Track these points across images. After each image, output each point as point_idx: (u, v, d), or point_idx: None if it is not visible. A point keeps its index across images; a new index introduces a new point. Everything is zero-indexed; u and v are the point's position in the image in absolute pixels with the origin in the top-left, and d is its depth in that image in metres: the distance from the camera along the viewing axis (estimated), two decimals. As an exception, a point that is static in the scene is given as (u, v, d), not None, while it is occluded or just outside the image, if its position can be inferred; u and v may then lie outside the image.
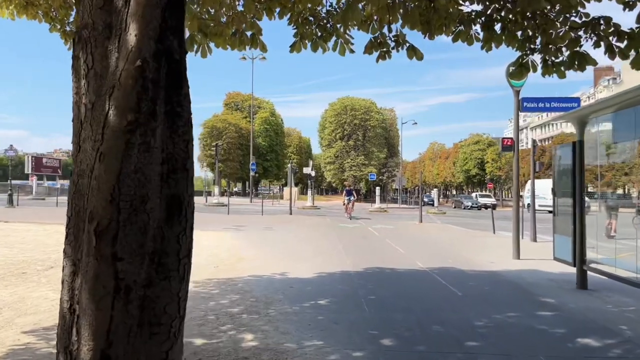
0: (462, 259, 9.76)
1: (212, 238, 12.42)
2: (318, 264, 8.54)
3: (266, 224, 17.27)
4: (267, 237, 13.02)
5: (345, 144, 65.60)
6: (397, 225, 19.02)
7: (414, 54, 4.82)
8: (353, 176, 64.95)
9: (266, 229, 15.50)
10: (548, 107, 9.98)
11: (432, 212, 31.58)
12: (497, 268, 8.64)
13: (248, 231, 14.53)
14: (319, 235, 13.98)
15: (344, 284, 6.87)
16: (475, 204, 45.44)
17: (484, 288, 6.94)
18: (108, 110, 1.96)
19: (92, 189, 1.96)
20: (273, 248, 10.81)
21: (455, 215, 32.47)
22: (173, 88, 2.18)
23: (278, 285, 6.65)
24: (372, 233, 15.17)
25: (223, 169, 64.85)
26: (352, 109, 65.61)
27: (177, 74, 2.21)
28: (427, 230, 16.82)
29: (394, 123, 76.56)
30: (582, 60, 4.54)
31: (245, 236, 13.15)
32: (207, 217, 20.94)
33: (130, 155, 1.95)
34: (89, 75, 2.07)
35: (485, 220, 24.78)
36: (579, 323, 5.12)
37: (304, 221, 19.60)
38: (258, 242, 11.76)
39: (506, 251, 10.67)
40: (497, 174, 57.98)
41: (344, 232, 15.38)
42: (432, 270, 8.17)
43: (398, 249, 11.14)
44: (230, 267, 8.10)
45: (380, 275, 7.82)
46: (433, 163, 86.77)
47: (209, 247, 10.68)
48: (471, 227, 19.60)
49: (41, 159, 48.24)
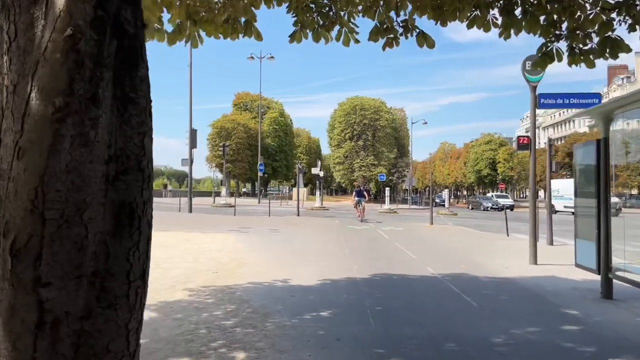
0: (476, 264, 9.25)
1: (214, 241, 12.03)
2: (322, 270, 8.10)
3: (272, 226, 16.86)
4: (272, 240, 12.59)
5: (354, 144, 65.09)
6: (407, 227, 18.51)
7: (424, 41, 4.34)
8: (362, 176, 64.43)
9: (272, 231, 15.09)
10: (567, 103, 9.42)
11: (443, 213, 30.96)
12: (513, 274, 8.12)
13: (252, 233, 14.12)
14: (325, 237, 13.53)
15: (349, 293, 6.42)
16: (496, 204, 43.03)
17: (500, 298, 6.43)
18: (30, 93, 1.53)
19: (8, 194, 1.53)
20: (277, 252, 10.38)
21: (467, 216, 31.82)
22: (125, 68, 1.73)
23: (278, 294, 6.21)
24: (381, 235, 14.69)
25: (232, 169, 64.73)
26: (361, 109, 65.10)
27: (132, 52, 1.76)
28: (438, 233, 16.29)
29: (403, 123, 75.91)
30: (614, 46, 4.04)
31: (249, 239, 12.75)
32: (213, 218, 20.63)
33: (60, 151, 1.51)
34: (11, 49, 1.63)
35: (498, 222, 24.14)
36: (609, 340, 4.61)
37: (311, 223, 19.17)
38: (262, 245, 11.34)
39: (522, 255, 10.14)
40: (509, 175, 57.07)
41: (351, 234, 14.92)
42: (444, 277, 7.68)
43: (408, 252, 10.65)
44: (230, 273, 7.68)
45: (389, 282, 7.35)
46: (443, 163, 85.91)
47: (210, 250, 10.28)
48: (483, 229, 19.02)
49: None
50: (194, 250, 10.21)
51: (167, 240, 11.77)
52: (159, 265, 8.26)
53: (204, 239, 12.48)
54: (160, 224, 16.77)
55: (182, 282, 6.92)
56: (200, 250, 10.20)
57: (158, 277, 7.16)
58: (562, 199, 34.52)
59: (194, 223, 17.28)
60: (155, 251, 10.48)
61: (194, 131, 22.26)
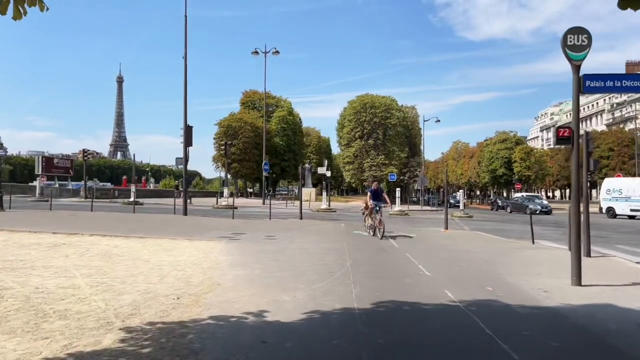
0: (505, 284, 7.50)
1: (197, 251, 10.43)
2: (314, 295, 6.43)
3: (269, 231, 15.23)
4: (263, 250, 10.95)
5: (364, 143, 63.30)
6: (419, 233, 16.75)
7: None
8: (373, 176, 62.57)
9: (267, 238, 13.44)
10: (619, 86, 7.64)
11: (458, 215, 29.11)
12: (556, 302, 6.37)
13: (244, 241, 12.49)
14: (326, 247, 11.85)
15: (342, 335, 4.73)
16: (545, 207, 37.00)
17: (549, 344, 4.69)
18: None
19: None
20: (264, 266, 8.73)
21: (483, 219, 29.90)
22: None
23: (245, 339, 4.55)
24: (390, 244, 12.98)
25: (239, 169, 63.33)
26: (371, 107, 63.28)
27: None
28: (455, 240, 14.51)
29: (415, 121, 73.92)
30: None
31: (238, 248, 11.12)
32: (208, 222, 19.05)
33: None
34: None
35: (518, 226, 22.22)
36: None
37: (313, 227, 17.48)
38: (249, 258, 9.70)
39: (558, 271, 8.39)
40: (525, 174, 54.76)
41: (357, 242, 13.22)
42: (467, 306, 5.96)
43: (421, 267, 8.94)
44: (194, 300, 6.05)
45: (396, 316, 5.64)
46: (457, 163, 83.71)
47: (185, 265, 8.67)
48: (503, 234, 17.19)
49: (52, 159, 47.20)
50: (167, 265, 8.61)
51: (141, 251, 10.20)
52: (112, 287, 6.67)
53: (185, 249, 10.89)
54: (146, 229, 15.10)
55: (126, 314, 5.30)
56: (174, 265, 8.60)
57: (100, 307, 5.57)
58: (627, 201, 30.24)
59: (184, 228, 15.72)
60: (121, 265, 8.92)
61: (189, 128, 20.64)
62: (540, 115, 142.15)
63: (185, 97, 20.65)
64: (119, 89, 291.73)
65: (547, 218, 31.68)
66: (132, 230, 14.25)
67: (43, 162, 43.44)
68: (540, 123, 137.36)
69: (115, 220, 17.93)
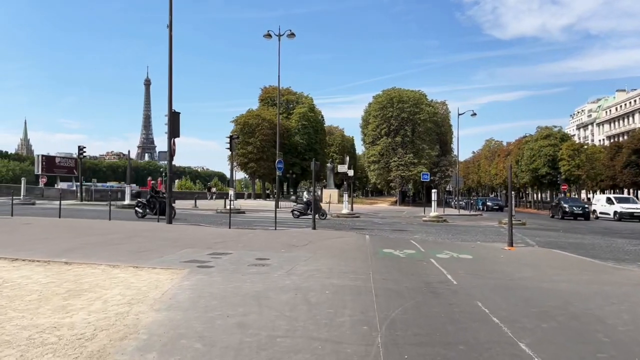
0: None
1: (122, 296, 6.16)
2: None
3: (265, 249, 10.91)
4: (233, 295, 6.62)
5: (391, 140, 58.51)
6: (475, 251, 12.18)
7: None
8: (400, 176, 57.75)
9: (255, 263, 9.06)
10: None
11: (505, 222, 24.25)
12: None
13: (215, 273, 8.07)
14: (340, 283, 7.43)
15: None
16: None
17: None
18: None
19: None
20: (206, 350, 4.38)
21: (542, 227, 24.91)
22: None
23: None
24: (439, 272, 8.53)
25: (256, 168, 59.48)
26: (399, 101, 58.43)
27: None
28: (538, 269, 9.91)
29: (446, 117, 68.69)
30: None
31: (194, 290, 6.81)
32: (190, 233, 14.79)
33: None
34: None
35: (593, 237, 17.18)
36: None
37: (327, 242, 13.03)
38: (196, 320, 5.38)
39: None
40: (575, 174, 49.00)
41: (387, 270, 8.78)
42: None
43: (509, 334, 4.44)
44: None
45: None
46: (490, 162, 78.11)
47: (65, 339, 4.39)
48: (589, 253, 12.46)
49: (54, 158, 43.96)
50: (24, 340, 4.38)
51: (26, 297, 6.01)
52: None
53: (110, 289, 6.65)
54: (92, 246, 9.61)
55: None
56: (38, 339, 4.36)
57: None
58: None
59: (147, 243, 11.51)
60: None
61: (175, 115, 16.45)
62: (576, 112, 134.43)
63: (170, 74, 16.55)
64: (147, 91, 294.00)
65: (617, 225, 26.54)
66: (70, 249, 10.13)
67: (43, 161, 40.39)
68: (576, 120, 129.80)
69: (66, 231, 13.88)
